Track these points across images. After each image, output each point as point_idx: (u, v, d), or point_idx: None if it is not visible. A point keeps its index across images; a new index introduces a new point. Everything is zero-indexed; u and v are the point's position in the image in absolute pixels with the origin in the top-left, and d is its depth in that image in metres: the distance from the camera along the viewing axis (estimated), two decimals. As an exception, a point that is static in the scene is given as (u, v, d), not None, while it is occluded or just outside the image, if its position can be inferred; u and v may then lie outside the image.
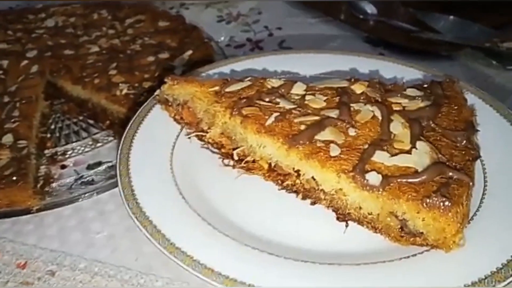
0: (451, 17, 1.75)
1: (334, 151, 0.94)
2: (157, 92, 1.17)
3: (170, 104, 1.15)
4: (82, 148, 1.37)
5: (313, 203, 1.01)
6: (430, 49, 1.65)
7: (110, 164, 1.29)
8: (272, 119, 1.00)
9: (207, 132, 1.11)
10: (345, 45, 1.77)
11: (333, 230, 0.97)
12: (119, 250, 1.05)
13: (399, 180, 0.88)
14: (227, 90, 1.09)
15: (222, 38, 1.84)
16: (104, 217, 1.13)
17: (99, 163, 1.31)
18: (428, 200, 0.85)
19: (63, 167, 1.30)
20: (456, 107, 1.05)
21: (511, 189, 0.98)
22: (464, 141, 0.97)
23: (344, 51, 1.38)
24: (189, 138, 1.15)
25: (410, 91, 1.09)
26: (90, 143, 1.39)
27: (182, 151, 1.12)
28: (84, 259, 1.04)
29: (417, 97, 1.07)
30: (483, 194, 0.98)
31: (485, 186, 1.00)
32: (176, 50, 1.58)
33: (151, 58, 1.53)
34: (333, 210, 0.98)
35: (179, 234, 0.91)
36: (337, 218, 0.97)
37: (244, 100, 1.05)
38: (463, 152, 0.95)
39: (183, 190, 1.02)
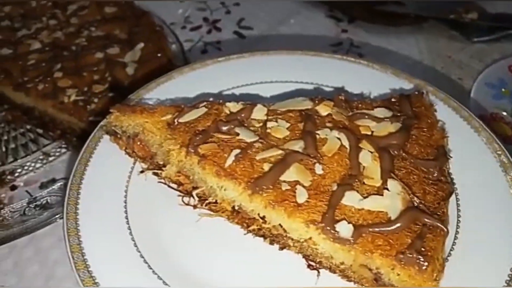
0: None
1: (301, 196, 0.87)
2: (103, 122, 1.06)
3: (119, 136, 1.04)
4: (33, 165, 1.27)
5: (281, 248, 0.94)
6: (394, 23, 1.63)
7: (64, 181, 1.20)
8: (232, 158, 0.92)
9: (163, 169, 1.01)
10: (307, 22, 1.67)
11: (304, 278, 0.90)
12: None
13: (371, 230, 0.83)
14: (181, 120, 0.99)
15: (176, 21, 1.70)
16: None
17: (53, 180, 1.22)
18: (402, 257, 0.80)
19: (13, 188, 1.21)
20: (426, 129, 0.99)
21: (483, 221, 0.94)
22: (436, 173, 0.92)
23: (309, 52, 1.27)
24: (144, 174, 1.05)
25: (378, 112, 1.01)
26: (41, 157, 1.28)
27: (138, 189, 1.01)
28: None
29: (385, 119, 0.99)
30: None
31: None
32: (126, 43, 1.44)
33: (99, 55, 1.38)
34: (303, 257, 0.92)
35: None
36: (308, 266, 0.91)
37: (200, 135, 0.96)
38: (436, 187, 0.90)
39: (139, 243, 0.93)
